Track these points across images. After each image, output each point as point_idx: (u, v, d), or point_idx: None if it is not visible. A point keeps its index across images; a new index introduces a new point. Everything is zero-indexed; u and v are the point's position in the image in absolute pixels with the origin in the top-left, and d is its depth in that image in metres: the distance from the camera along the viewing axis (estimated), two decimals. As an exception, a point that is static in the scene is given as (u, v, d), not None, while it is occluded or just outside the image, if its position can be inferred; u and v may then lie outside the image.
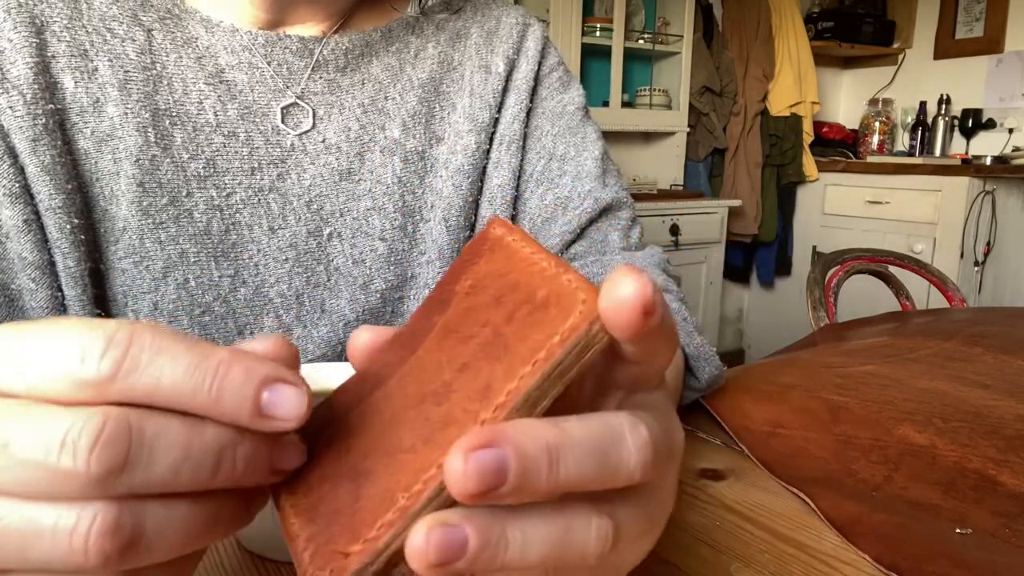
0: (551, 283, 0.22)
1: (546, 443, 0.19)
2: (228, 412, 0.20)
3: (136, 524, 0.20)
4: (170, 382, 0.20)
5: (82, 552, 0.19)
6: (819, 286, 1.50)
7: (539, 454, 0.19)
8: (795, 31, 3.27)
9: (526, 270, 0.23)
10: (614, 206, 0.64)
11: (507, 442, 0.18)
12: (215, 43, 0.53)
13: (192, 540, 0.21)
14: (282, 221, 0.55)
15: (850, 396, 0.60)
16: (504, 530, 0.19)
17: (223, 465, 0.21)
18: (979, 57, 3.34)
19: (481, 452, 0.18)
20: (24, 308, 0.50)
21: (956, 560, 0.38)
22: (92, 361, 0.20)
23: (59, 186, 0.48)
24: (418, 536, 0.18)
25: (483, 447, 0.18)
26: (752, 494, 0.47)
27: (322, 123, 0.56)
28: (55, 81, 0.49)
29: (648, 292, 0.19)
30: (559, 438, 0.19)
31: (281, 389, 0.21)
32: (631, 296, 0.19)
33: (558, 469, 0.19)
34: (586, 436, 0.20)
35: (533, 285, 0.22)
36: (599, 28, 2.83)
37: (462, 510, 0.19)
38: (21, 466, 0.19)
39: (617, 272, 0.20)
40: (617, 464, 0.20)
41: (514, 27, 0.64)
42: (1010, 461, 0.49)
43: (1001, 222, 2.95)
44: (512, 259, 0.24)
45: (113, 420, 0.19)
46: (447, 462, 0.18)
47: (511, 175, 0.61)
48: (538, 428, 0.19)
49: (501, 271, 0.24)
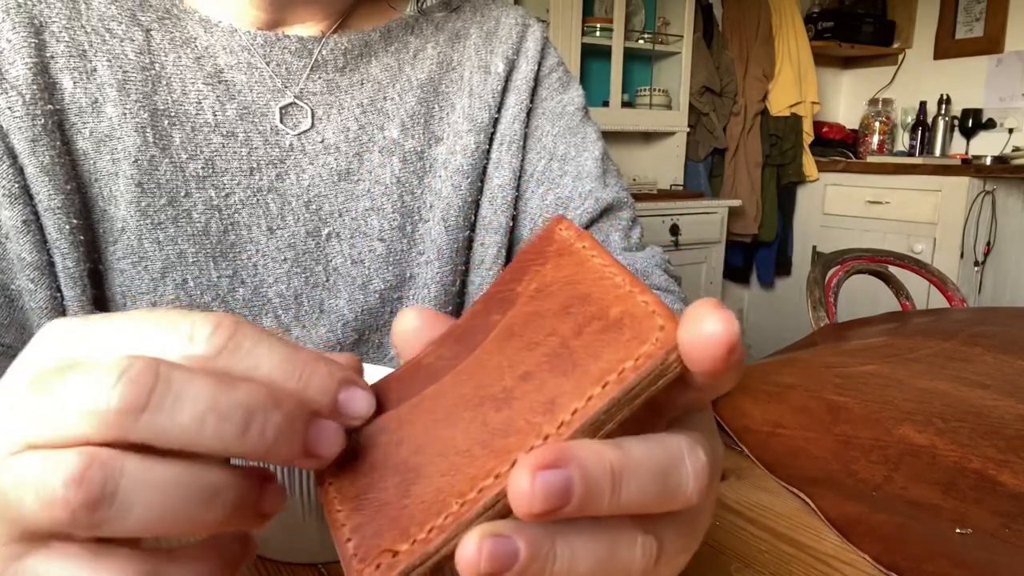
0: (625, 301, 0.21)
1: (610, 466, 0.19)
2: (311, 401, 0.22)
3: (109, 477, 0.19)
4: (267, 368, 0.21)
5: (48, 501, 0.19)
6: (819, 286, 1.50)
7: (603, 477, 0.19)
8: (795, 31, 3.27)
9: (598, 283, 0.22)
10: (615, 206, 0.64)
11: (574, 463, 0.18)
12: (214, 43, 0.53)
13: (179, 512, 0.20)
14: (281, 221, 0.55)
15: (850, 396, 0.60)
16: (554, 544, 0.19)
17: (252, 427, 0.20)
18: (979, 57, 3.34)
19: (548, 472, 0.18)
20: (24, 308, 0.50)
21: (956, 560, 0.38)
22: (200, 341, 0.21)
23: (58, 186, 0.48)
24: (471, 545, 0.18)
25: (550, 467, 0.18)
26: (752, 494, 0.47)
27: (321, 123, 0.56)
28: (54, 81, 0.49)
29: (735, 331, 0.19)
30: (623, 461, 0.19)
31: (355, 391, 0.23)
32: (717, 334, 0.19)
33: (620, 492, 0.19)
34: (648, 460, 0.20)
35: (606, 301, 0.22)
36: (599, 28, 2.83)
37: (514, 522, 0.19)
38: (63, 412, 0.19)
39: (702, 306, 0.19)
40: (676, 489, 0.20)
41: (513, 28, 0.64)
42: (1010, 461, 0.49)
43: (1001, 222, 2.95)
44: (582, 268, 0.23)
45: (143, 362, 0.19)
46: (513, 479, 0.18)
47: (512, 175, 0.61)
48: (603, 450, 0.19)
49: (570, 279, 0.23)
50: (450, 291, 0.60)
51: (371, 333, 0.58)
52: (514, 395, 0.21)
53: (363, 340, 0.58)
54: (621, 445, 0.20)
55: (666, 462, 0.20)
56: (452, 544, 0.19)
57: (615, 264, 0.23)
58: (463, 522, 0.19)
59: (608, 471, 0.19)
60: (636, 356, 0.20)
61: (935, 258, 2.89)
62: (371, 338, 0.58)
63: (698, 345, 0.19)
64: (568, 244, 0.24)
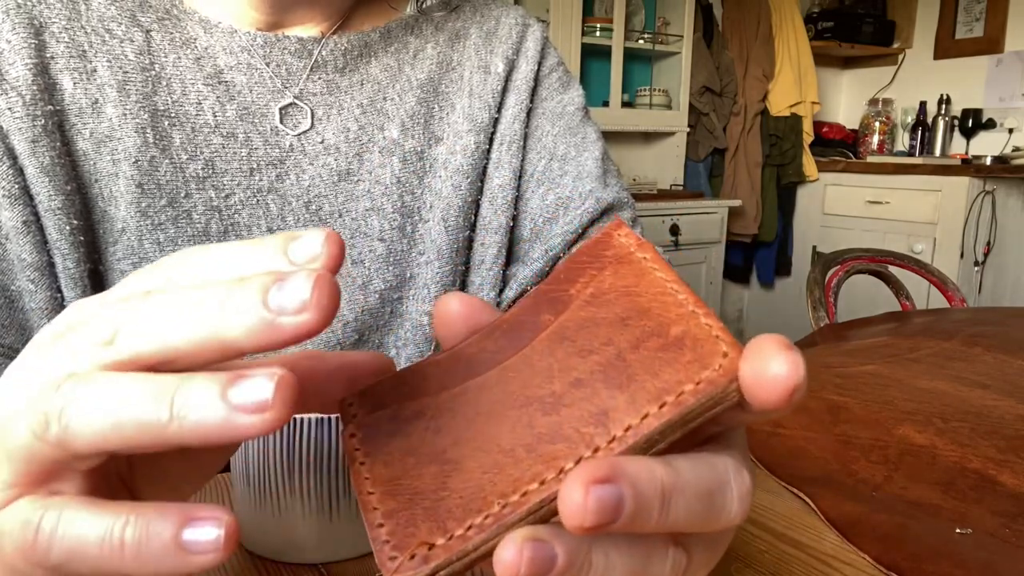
0: (688, 321, 0.21)
1: (661, 485, 0.19)
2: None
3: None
4: None
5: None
6: (819, 286, 1.50)
7: (653, 495, 0.19)
8: (795, 31, 3.27)
9: (659, 297, 0.22)
10: (615, 206, 0.64)
11: (626, 480, 0.18)
12: (214, 44, 0.53)
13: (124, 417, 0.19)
14: (281, 222, 0.55)
15: (850, 396, 0.60)
16: (590, 552, 0.19)
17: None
18: (979, 57, 3.34)
19: (601, 487, 0.18)
20: (24, 309, 0.50)
21: (956, 560, 0.38)
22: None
23: (58, 187, 0.48)
24: (511, 548, 0.18)
25: (603, 482, 0.18)
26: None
27: (321, 124, 0.56)
28: (54, 82, 0.49)
29: (801, 375, 0.19)
30: (673, 481, 0.19)
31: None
32: (782, 376, 0.19)
33: (668, 511, 0.19)
34: (696, 480, 0.20)
35: (667, 318, 0.21)
36: (599, 28, 2.83)
37: (553, 528, 0.19)
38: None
39: (769, 342, 0.19)
40: (720, 510, 0.20)
41: (513, 27, 0.64)
42: (1010, 461, 0.49)
43: (1001, 222, 2.95)
44: (643, 279, 0.23)
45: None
46: (566, 491, 0.18)
47: (512, 175, 0.61)
48: (655, 468, 0.19)
49: (629, 289, 0.23)
50: (450, 291, 0.60)
51: (371, 333, 0.58)
52: (563, 401, 0.21)
53: (363, 340, 0.58)
54: (672, 464, 0.19)
55: (714, 484, 0.20)
56: (491, 544, 0.19)
57: (678, 280, 0.22)
58: (504, 524, 0.19)
59: (659, 490, 0.19)
60: (697, 380, 0.19)
61: (935, 258, 2.89)
62: (371, 338, 0.58)
63: (762, 383, 0.19)
64: (628, 252, 0.24)
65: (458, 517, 0.20)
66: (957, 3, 3.39)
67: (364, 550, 0.38)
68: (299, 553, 0.37)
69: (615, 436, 0.19)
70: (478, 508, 0.20)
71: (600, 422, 0.20)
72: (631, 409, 0.20)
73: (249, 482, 0.37)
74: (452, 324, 0.25)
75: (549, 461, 0.20)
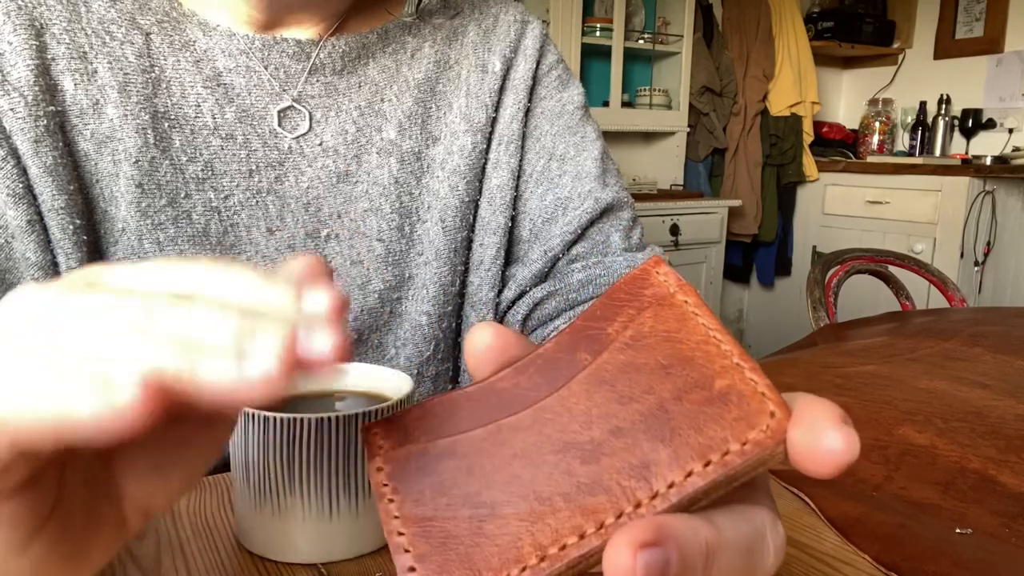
0: (732, 375, 0.20)
1: (705, 544, 0.19)
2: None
3: None
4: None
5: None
6: (819, 286, 1.50)
7: (698, 556, 0.18)
8: (795, 31, 3.27)
9: (701, 347, 0.21)
10: (615, 206, 0.64)
11: (673, 542, 0.18)
12: (212, 46, 0.53)
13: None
14: (280, 223, 0.55)
15: (850, 396, 0.60)
16: None
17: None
18: (979, 57, 3.34)
19: (648, 552, 0.18)
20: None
21: (956, 560, 0.38)
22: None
23: (61, 187, 0.48)
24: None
25: (651, 545, 0.18)
26: (752, 494, 0.47)
27: (319, 126, 0.56)
28: (55, 83, 0.49)
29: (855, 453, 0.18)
30: (716, 540, 0.19)
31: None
32: (838, 453, 0.18)
33: (711, 570, 0.19)
34: (737, 537, 0.20)
35: (711, 370, 0.21)
36: (599, 28, 2.83)
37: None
38: None
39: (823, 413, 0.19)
40: (758, 564, 0.20)
41: (512, 25, 0.63)
42: (1010, 461, 0.49)
43: (1001, 222, 2.95)
44: (685, 326, 0.22)
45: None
46: (613, 554, 0.18)
47: (510, 175, 0.61)
48: (699, 527, 0.19)
49: (671, 335, 0.22)
50: (449, 291, 0.60)
51: (370, 333, 0.58)
52: (603, 450, 0.20)
53: (362, 340, 0.58)
54: (714, 522, 0.19)
55: (753, 540, 0.20)
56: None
57: (722, 329, 0.22)
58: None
59: (703, 550, 0.19)
60: (743, 440, 0.19)
61: (935, 258, 2.89)
62: (370, 338, 0.58)
63: (814, 455, 0.19)
64: (668, 294, 0.23)
65: (494, 567, 0.19)
66: (957, 3, 3.39)
67: (363, 550, 0.38)
68: (299, 553, 0.37)
69: (657, 492, 0.19)
70: (515, 558, 0.19)
71: (642, 475, 0.19)
72: (674, 464, 0.19)
73: (249, 482, 0.37)
74: (485, 357, 0.24)
75: (589, 514, 0.19)
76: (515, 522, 0.20)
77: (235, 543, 0.39)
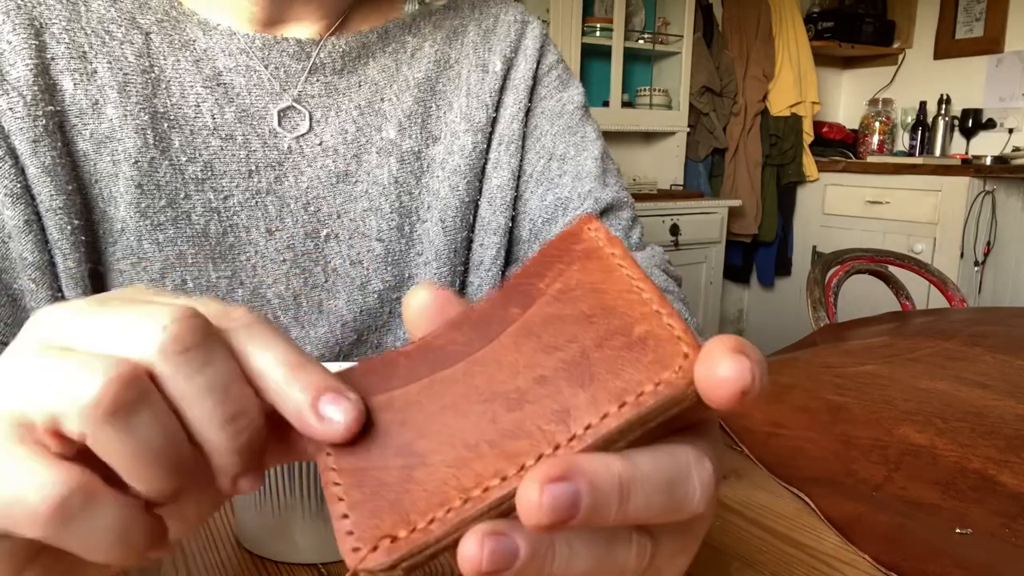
0: (651, 321, 0.21)
1: (619, 479, 0.19)
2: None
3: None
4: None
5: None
6: (819, 286, 1.50)
7: (611, 490, 0.19)
8: (795, 31, 3.27)
9: (624, 296, 0.22)
10: (615, 206, 0.64)
11: (582, 477, 0.18)
12: (213, 46, 0.53)
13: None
14: (279, 223, 0.55)
15: (850, 396, 0.60)
16: (552, 544, 0.19)
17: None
18: (979, 57, 3.34)
19: (556, 485, 0.18)
20: (26, 308, 0.50)
21: (956, 560, 0.38)
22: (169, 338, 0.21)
23: (60, 187, 0.48)
24: (473, 543, 0.18)
25: (559, 480, 0.18)
26: (752, 494, 0.47)
27: (319, 126, 0.56)
28: (54, 83, 0.49)
29: (747, 377, 0.19)
30: (631, 474, 0.19)
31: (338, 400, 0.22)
32: (729, 379, 0.19)
33: (627, 505, 0.19)
34: (655, 472, 0.20)
35: (631, 317, 0.21)
36: (599, 28, 2.83)
37: (515, 521, 0.19)
38: None
39: (718, 345, 0.19)
40: (682, 500, 0.20)
41: (512, 25, 0.63)
42: (1010, 461, 0.49)
43: (1001, 222, 2.95)
44: (610, 276, 0.23)
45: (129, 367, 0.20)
46: (523, 490, 0.18)
47: (510, 175, 0.61)
48: (612, 463, 0.19)
49: (595, 286, 0.23)
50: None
51: (370, 334, 0.58)
52: (527, 397, 0.21)
53: (362, 340, 0.58)
54: (630, 458, 0.20)
55: (674, 475, 0.20)
56: (452, 538, 0.19)
57: (644, 278, 0.22)
58: (465, 518, 0.19)
59: (616, 485, 0.19)
60: (656, 381, 0.20)
61: (935, 258, 2.89)
62: (370, 338, 0.58)
63: (711, 385, 0.19)
64: (596, 247, 0.24)
65: (421, 510, 0.20)
66: (957, 3, 3.39)
67: (364, 550, 0.38)
68: (299, 553, 0.37)
69: (575, 434, 0.20)
70: (440, 501, 0.20)
71: (561, 419, 0.20)
72: (592, 408, 0.20)
73: (249, 482, 0.37)
74: (422, 317, 0.25)
75: (511, 457, 0.20)
76: (443, 469, 0.21)
77: (235, 543, 0.39)
